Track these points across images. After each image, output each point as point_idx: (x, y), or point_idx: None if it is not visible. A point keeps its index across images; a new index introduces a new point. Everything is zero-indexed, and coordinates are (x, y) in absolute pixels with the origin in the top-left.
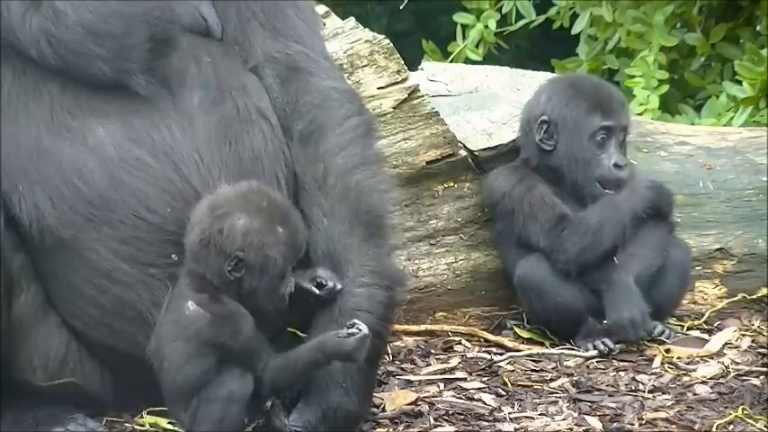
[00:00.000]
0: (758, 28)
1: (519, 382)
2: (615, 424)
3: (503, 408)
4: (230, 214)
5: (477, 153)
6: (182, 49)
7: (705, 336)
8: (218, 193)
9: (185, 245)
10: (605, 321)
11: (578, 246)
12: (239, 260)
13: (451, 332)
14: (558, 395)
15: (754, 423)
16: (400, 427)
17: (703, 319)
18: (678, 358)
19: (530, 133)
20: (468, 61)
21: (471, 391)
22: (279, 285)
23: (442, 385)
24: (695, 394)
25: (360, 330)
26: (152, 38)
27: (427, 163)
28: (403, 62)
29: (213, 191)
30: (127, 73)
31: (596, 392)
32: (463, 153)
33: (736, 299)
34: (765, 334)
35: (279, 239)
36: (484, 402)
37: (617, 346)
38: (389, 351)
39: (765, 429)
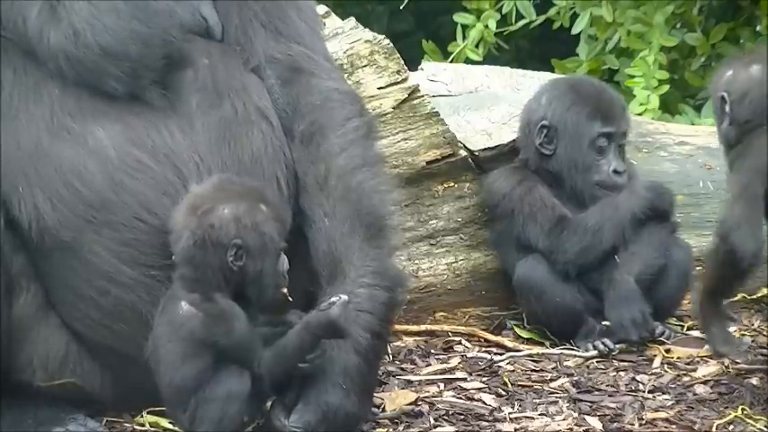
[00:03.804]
0: (758, 28)
1: (519, 382)
2: (615, 424)
3: (503, 408)
4: (214, 208)
5: (477, 153)
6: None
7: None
8: (191, 194)
9: (176, 254)
10: (604, 322)
11: (578, 246)
12: (239, 247)
13: (451, 332)
14: (558, 395)
15: (753, 423)
16: (400, 428)
17: None
18: (678, 358)
19: (529, 136)
20: (468, 61)
21: (471, 391)
22: (277, 263)
23: (442, 385)
24: (695, 394)
25: (339, 297)
26: (167, 56)
27: (427, 163)
28: (403, 62)
29: (184, 195)
30: (140, 89)
31: (596, 392)
32: (463, 153)
33: (736, 299)
34: (765, 334)
35: (267, 216)
36: (484, 402)
37: (617, 346)
38: (389, 351)
39: (765, 429)
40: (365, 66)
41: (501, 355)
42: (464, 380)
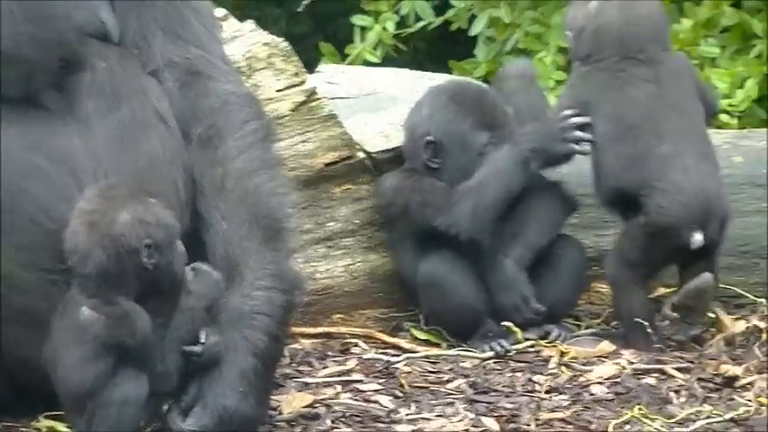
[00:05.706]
0: None
1: (416, 384)
2: (512, 425)
3: (399, 409)
4: (115, 218)
5: (374, 155)
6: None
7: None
8: (81, 213)
9: (86, 272)
10: (503, 323)
11: (468, 211)
12: (149, 246)
13: (348, 334)
14: (455, 396)
15: (650, 423)
16: (297, 430)
17: (601, 320)
18: (574, 359)
19: (416, 150)
20: (366, 63)
21: (368, 392)
22: (178, 248)
23: (339, 387)
24: (591, 394)
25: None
26: (63, 59)
27: (325, 165)
28: (301, 65)
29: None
30: (36, 92)
31: (493, 393)
32: (361, 155)
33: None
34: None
35: (161, 207)
36: (381, 404)
37: (513, 347)
38: (287, 353)
39: (661, 429)
40: (263, 68)
41: (398, 356)
42: (361, 382)
